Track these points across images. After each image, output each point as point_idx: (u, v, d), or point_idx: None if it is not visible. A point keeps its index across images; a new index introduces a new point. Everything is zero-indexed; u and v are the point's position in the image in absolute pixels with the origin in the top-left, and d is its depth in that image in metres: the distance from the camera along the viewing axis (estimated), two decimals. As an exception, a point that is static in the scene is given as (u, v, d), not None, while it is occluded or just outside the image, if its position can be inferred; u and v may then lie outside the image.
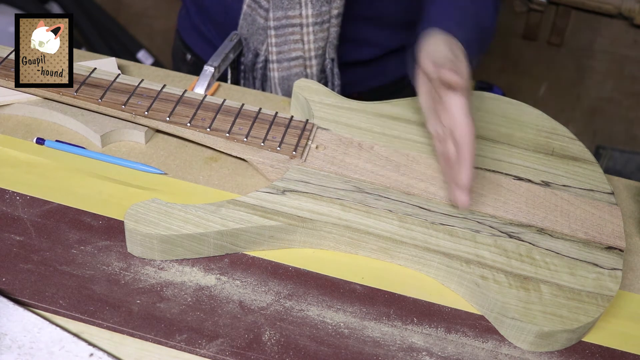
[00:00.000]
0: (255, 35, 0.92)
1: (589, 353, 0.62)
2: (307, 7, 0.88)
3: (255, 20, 0.91)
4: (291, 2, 0.88)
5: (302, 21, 0.89)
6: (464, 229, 0.66)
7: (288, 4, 0.88)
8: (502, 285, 0.62)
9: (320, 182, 0.68)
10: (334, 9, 0.89)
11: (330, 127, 0.74)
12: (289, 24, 0.89)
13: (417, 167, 0.71)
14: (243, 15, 0.92)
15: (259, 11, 0.90)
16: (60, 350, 0.55)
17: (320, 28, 0.90)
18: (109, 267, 0.62)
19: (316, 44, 0.91)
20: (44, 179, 0.69)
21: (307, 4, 0.88)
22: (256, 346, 0.58)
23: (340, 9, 0.90)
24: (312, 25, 0.89)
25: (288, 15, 0.89)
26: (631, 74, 1.85)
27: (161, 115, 0.72)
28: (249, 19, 0.91)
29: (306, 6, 0.88)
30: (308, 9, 0.88)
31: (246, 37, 0.93)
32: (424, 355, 0.60)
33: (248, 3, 0.90)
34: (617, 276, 0.64)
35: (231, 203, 0.64)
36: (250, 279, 0.63)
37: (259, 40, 0.92)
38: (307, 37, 0.90)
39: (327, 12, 0.89)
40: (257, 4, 0.90)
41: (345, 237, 0.65)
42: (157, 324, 0.58)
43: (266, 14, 0.90)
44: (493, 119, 0.78)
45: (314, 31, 0.90)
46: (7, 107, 0.75)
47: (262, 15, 0.90)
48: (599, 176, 0.74)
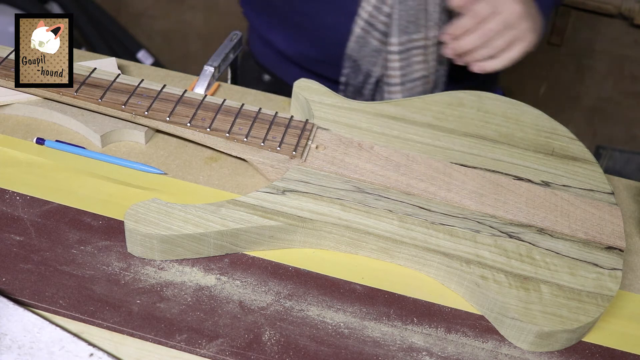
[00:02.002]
0: (368, 57, 0.93)
1: (589, 353, 0.62)
2: (434, 29, 0.89)
3: (369, 42, 0.91)
4: (417, 26, 0.88)
5: (427, 42, 0.90)
6: (464, 229, 0.66)
7: (414, 28, 0.88)
8: (502, 285, 0.62)
9: (320, 182, 0.68)
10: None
11: (330, 127, 0.74)
12: (413, 47, 0.90)
13: (417, 167, 0.71)
14: (355, 38, 0.92)
15: (374, 34, 0.90)
16: (60, 350, 0.55)
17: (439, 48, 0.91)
18: (109, 267, 0.62)
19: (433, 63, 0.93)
20: (44, 179, 0.69)
21: (433, 26, 0.89)
22: (256, 346, 0.58)
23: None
24: (436, 46, 0.91)
25: (413, 38, 0.89)
26: (631, 74, 1.85)
27: (161, 115, 0.72)
28: (361, 41, 0.92)
29: (432, 28, 0.89)
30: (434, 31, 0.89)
31: (356, 59, 0.93)
32: (424, 355, 0.60)
33: (362, 26, 0.91)
34: (617, 276, 0.64)
35: (231, 203, 0.64)
36: (250, 279, 0.63)
37: (372, 62, 0.93)
38: (431, 56, 0.92)
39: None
40: (373, 27, 0.90)
41: (345, 237, 0.65)
42: (157, 324, 0.58)
43: (383, 38, 0.90)
44: (493, 119, 0.78)
45: (433, 51, 0.91)
46: (7, 107, 0.75)
47: (377, 38, 0.91)
48: (599, 176, 0.74)
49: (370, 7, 0.89)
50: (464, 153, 0.74)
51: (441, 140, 0.74)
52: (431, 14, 0.89)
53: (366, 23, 0.90)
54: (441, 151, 0.73)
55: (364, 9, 0.90)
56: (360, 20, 0.91)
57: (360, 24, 0.91)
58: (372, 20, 0.89)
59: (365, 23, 0.90)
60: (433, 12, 0.88)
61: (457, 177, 0.71)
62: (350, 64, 0.94)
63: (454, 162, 0.73)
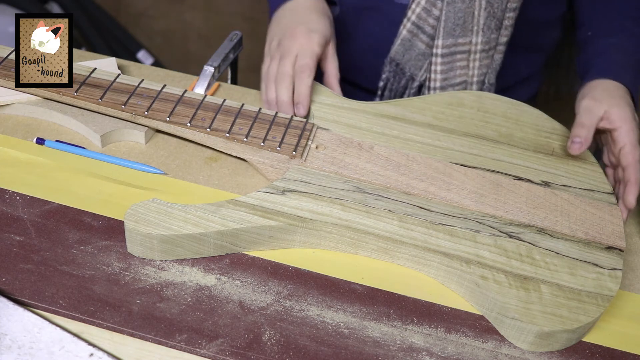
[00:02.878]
0: (413, 61, 0.92)
1: (589, 353, 0.62)
2: (478, 34, 0.89)
3: (415, 45, 0.91)
4: (464, 30, 0.88)
5: (471, 48, 0.90)
6: (464, 229, 0.66)
7: (460, 31, 0.88)
8: (502, 285, 0.62)
9: (320, 182, 0.68)
10: (502, 37, 0.91)
11: (330, 127, 0.74)
12: (457, 51, 0.90)
13: (417, 167, 0.71)
14: (401, 41, 0.91)
15: (421, 37, 0.90)
16: (60, 350, 0.55)
17: (486, 55, 0.91)
18: (109, 267, 0.62)
19: (480, 70, 0.92)
20: (44, 179, 0.69)
21: (478, 31, 0.89)
22: (256, 346, 0.58)
23: (508, 36, 0.91)
24: (479, 52, 0.90)
25: (458, 42, 0.89)
26: (631, 74, 1.84)
27: (161, 115, 0.72)
28: (407, 44, 0.91)
29: (477, 34, 0.89)
30: (478, 37, 0.89)
31: (399, 62, 0.93)
32: (424, 355, 0.60)
33: (409, 28, 0.90)
34: (617, 276, 0.64)
35: (231, 203, 0.64)
36: (250, 279, 0.63)
37: (417, 66, 0.93)
38: (472, 63, 0.91)
39: (495, 40, 0.90)
40: (421, 30, 0.90)
41: (345, 237, 0.65)
42: (157, 324, 0.58)
43: (429, 41, 0.90)
44: (493, 119, 0.78)
45: (480, 58, 0.91)
46: (7, 107, 0.75)
47: (424, 41, 0.91)
48: (599, 176, 0.74)
49: (419, 9, 0.89)
50: (464, 153, 0.74)
51: (441, 140, 0.74)
52: (477, 19, 0.89)
53: (414, 25, 0.90)
54: (441, 151, 0.73)
55: (414, 11, 0.90)
56: (408, 22, 0.90)
57: (407, 27, 0.91)
58: (421, 22, 0.90)
59: (413, 25, 0.90)
60: (479, 17, 0.88)
61: (457, 177, 0.71)
62: (392, 68, 0.94)
63: (454, 162, 0.73)
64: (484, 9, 0.88)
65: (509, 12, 0.90)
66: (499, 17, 0.89)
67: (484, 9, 0.88)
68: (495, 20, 0.89)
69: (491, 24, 0.89)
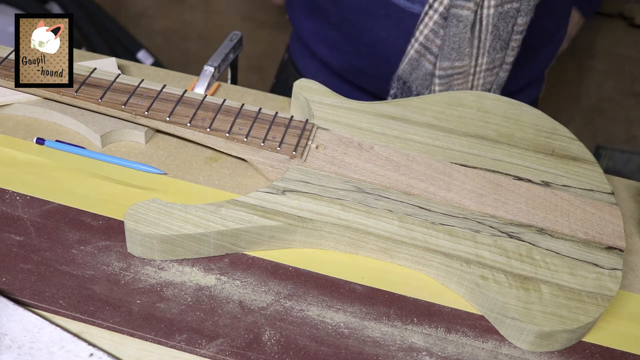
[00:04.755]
0: (420, 80, 0.93)
1: (589, 353, 0.62)
2: (484, 56, 0.90)
3: (422, 65, 0.92)
4: (460, 54, 0.88)
5: (471, 70, 0.91)
6: (464, 229, 0.66)
7: (457, 55, 0.89)
8: (502, 285, 0.62)
9: (320, 182, 0.68)
10: (508, 57, 0.91)
11: (330, 127, 0.74)
12: (455, 73, 0.91)
13: (417, 167, 0.71)
14: (408, 60, 0.92)
15: (428, 57, 0.91)
16: (60, 350, 0.55)
17: (490, 73, 0.92)
18: (109, 267, 0.62)
19: (483, 87, 0.93)
20: (44, 179, 0.69)
21: (483, 54, 0.89)
22: (256, 346, 0.58)
23: (514, 57, 0.92)
24: (484, 72, 0.91)
25: (455, 65, 0.90)
26: (631, 74, 1.85)
27: (161, 115, 0.72)
28: (414, 63, 0.92)
29: (482, 56, 0.90)
30: (483, 58, 0.90)
31: (406, 80, 0.93)
32: (424, 355, 0.60)
33: (417, 49, 0.91)
34: (617, 276, 0.64)
35: (231, 203, 0.64)
36: (250, 279, 0.63)
37: (424, 85, 0.93)
38: (475, 82, 0.92)
39: (500, 59, 0.91)
40: (428, 50, 0.90)
41: (345, 237, 0.65)
42: (157, 324, 0.58)
43: (436, 61, 0.91)
44: (493, 119, 0.78)
45: (484, 76, 0.92)
46: (7, 107, 0.75)
47: (431, 62, 0.91)
48: (599, 176, 0.74)
49: (427, 31, 0.90)
50: (464, 153, 0.74)
51: (441, 140, 0.75)
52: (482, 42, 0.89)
53: (421, 46, 0.91)
54: (441, 151, 0.73)
55: (421, 32, 0.90)
56: (416, 43, 0.91)
57: (415, 47, 0.91)
58: (428, 43, 0.90)
59: (420, 46, 0.91)
60: (485, 40, 0.89)
61: (457, 177, 0.71)
62: (399, 85, 0.95)
63: (454, 162, 0.73)
64: (490, 33, 0.88)
65: (516, 35, 0.90)
66: (505, 39, 0.90)
67: (490, 33, 0.88)
68: (501, 42, 0.89)
69: (497, 45, 0.89)
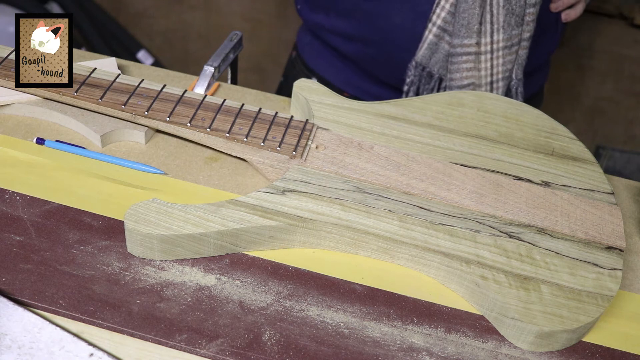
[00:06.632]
0: (441, 62, 0.93)
1: (589, 353, 0.62)
2: (499, 32, 0.89)
3: (442, 47, 0.92)
4: (468, 31, 0.89)
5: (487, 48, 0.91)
6: (464, 229, 0.66)
7: (465, 32, 0.89)
8: (502, 285, 0.62)
9: (320, 182, 0.68)
10: (525, 32, 0.91)
11: (330, 127, 0.74)
12: (463, 52, 0.91)
13: (417, 167, 0.71)
14: (427, 45, 0.92)
15: (446, 39, 0.91)
16: (60, 350, 0.55)
17: (509, 51, 0.91)
18: (109, 267, 0.62)
19: (504, 67, 0.92)
20: (44, 179, 0.69)
21: (498, 30, 0.89)
22: (256, 346, 0.58)
23: (531, 32, 0.91)
24: (502, 50, 0.91)
25: (463, 43, 0.90)
26: (631, 74, 1.85)
27: (161, 115, 0.72)
28: (433, 47, 0.92)
29: (497, 32, 0.89)
30: (499, 34, 0.90)
31: (425, 66, 0.93)
32: (424, 355, 0.60)
33: (435, 32, 0.91)
34: (617, 276, 0.64)
35: (231, 203, 0.64)
36: (250, 279, 0.63)
37: (445, 67, 0.93)
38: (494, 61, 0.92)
39: (517, 35, 0.91)
40: (446, 32, 0.90)
41: (345, 237, 0.65)
42: (157, 324, 0.58)
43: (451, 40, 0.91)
44: (493, 119, 0.78)
45: (502, 55, 0.91)
46: (7, 107, 0.75)
47: (449, 42, 0.91)
48: (599, 176, 0.74)
49: (444, 13, 0.90)
50: (464, 153, 0.74)
51: (441, 140, 0.75)
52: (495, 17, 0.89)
53: (440, 29, 0.91)
54: (441, 151, 0.73)
55: (439, 15, 0.90)
56: (434, 27, 0.91)
57: (433, 31, 0.91)
58: (447, 25, 0.90)
59: (439, 29, 0.91)
60: (498, 14, 0.89)
61: (457, 177, 0.71)
62: (417, 72, 0.95)
63: (454, 162, 0.73)
64: (502, 7, 0.88)
65: (530, 8, 0.90)
66: (518, 13, 0.89)
67: (502, 7, 0.88)
68: (515, 17, 0.89)
69: (511, 20, 0.89)
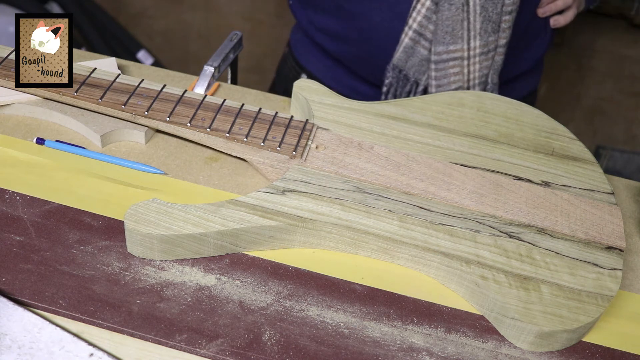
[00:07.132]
0: (417, 66, 0.94)
1: (589, 353, 0.62)
2: (476, 39, 0.90)
3: (418, 52, 0.92)
4: (453, 37, 0.89)
5: (465, 54, 0.91)
6: (464, 229, 0.66)
7: (450, 39, 0.90)
8: (502, 285, 0.62)
9: (320, 182, 0.68)
10: (501, 39, 0.92)
11: (330, 127, 0.74)
12: (450, 58, 0.92)
13: (417, 167, 0.71)
14: (403, 48, 0.93)
15: (423, 43, 0.92)
16: (60, 350, 0.55)
17: (486, 57, 0.92)
18: (109, 267, 0.62)
19: (480, 72, 0.93)
20: (44, 179, 0.69)
21: (475, 36, 0.90)
22: (256, 346, 0.58)
23: (507, 38, 0.92)
24: (478, 56, 0.92)
25: (449, 50, 0.91)
26: (631, 74, 1.85)
27: (161, 115, 0.72)
28: (409, 51, 0.93)
29: (474, 39, 0.90)
30: (476, 41, 0.91)
31: (402, 69, 0.94)
32: (424, 355, 0.60)
33: (411, 36, 0.92)
34: (617, 276, 0.64)
35: (231, 203, 0.64)
36: (250, 279, 0.63)
37: (421, 71, 0.94)
38: (471, 67, 0.93)
39: (493, 42, 0.92)
40: (422, 37, 0.91)
41: (345, 237, 0.65)
42: (157, 324, 0.58)
43: (430, 46, 0.91)
44: (493, 119, 0.78)
45: (479, 60, 0.92)
46: (7, 107, 0.75)
47: (426, 47, 0.92)
48: (599, 176, 0.74)
49: (420, 17, 0.90)
50: (464, 153, 0.74)
51: (441, 140, 0.75)
52: (473, 24, 0.89)
53: (415, 33, 0.91)
54: (441, 151, 0.73)
55: (415, 19, 0.91)
56: (409, 30, 0.92)
57: (409, 34, 0.92)
58: (422, 30, 0.91)
59: (414, 33, 0.92)
60: (474, 22, 0.89)
61: (457, 177, 0.71)
62: (394, 74, 0.95)
63: (454, 162, 0.73)
64: (479, 14, 0.89)
65: (505, 15, 0.90)
66: (495, 20, 0.90)
67: (479, 14, 0.89)
68: (492, 24, 0.90)
69: (487, 27, 0.90)
